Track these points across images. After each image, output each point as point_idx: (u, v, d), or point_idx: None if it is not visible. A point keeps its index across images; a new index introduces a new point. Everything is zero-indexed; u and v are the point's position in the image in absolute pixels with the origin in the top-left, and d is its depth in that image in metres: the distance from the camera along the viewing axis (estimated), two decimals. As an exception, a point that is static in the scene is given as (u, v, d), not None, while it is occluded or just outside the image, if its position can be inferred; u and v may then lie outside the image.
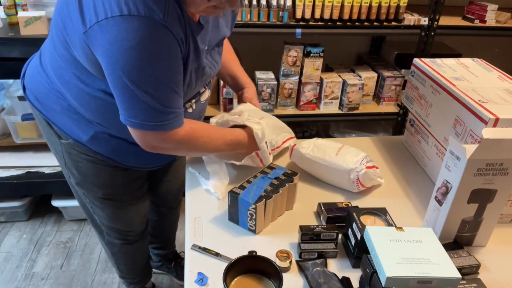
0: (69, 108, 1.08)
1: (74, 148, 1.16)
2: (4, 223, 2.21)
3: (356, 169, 1.08)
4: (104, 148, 1.15)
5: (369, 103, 2.23)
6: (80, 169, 1.20)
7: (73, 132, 1.13)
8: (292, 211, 1.07)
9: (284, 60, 2.00)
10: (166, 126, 0.96)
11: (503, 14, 2.11)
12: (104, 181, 1.23)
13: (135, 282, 1.69)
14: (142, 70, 0.88)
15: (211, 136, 1.08)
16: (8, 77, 1.97)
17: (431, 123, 1.17)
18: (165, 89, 0.92)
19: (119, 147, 1.14)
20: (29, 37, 1.69)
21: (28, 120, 1.98)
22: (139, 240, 1.52)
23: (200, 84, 1.10)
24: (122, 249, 1.51)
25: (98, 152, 1.15)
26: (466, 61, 1.24)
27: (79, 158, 1.18)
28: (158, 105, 0.92)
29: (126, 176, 1.26)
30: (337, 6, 1.89)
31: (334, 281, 0.83)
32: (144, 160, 1.20)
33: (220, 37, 1.11)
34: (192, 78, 1.03)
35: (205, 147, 1.07)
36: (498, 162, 0.84)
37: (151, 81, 0.89)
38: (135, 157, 1.18)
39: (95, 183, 1.24)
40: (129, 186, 1.31)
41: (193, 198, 1.10)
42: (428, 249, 0.76)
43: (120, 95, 0.92)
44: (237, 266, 0.83)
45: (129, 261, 1.59)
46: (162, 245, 1.83)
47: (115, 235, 1.45)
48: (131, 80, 0.88)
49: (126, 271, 1.64)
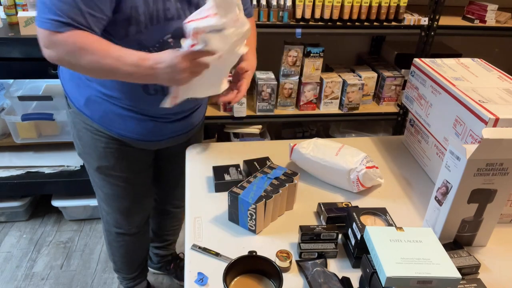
0: (73, 72, 1.14)
1: (77, 117, 1.23)
2: (4, 223, 2.21)
3: (356, 169, 1.08)
4: (96, 113, 1.19)
5: (369, 103, 2.23)
6: (81, 138, 1.27)
7: (75, 97, 1.20)
8: (292, 211, 1.07)
9: (284, 60, 2.00)
10: (47, 24, 0.94)
11: (503, 14, 2.11)
12: (99, 152, 1.27)
13: (128, 278, 1.69)
14: None
15: (96, 44, 0.97)
16: (8, 77, 1.97)
17: (431, 123, 1.17)
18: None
19: (108, 111, 1.18)
20: (29, 37, 1.69)
21: (28, 120, 1.98)
22: (136, 234, 1.52)
23: (169, 22, 1.03)
24: (118, 239, 1.52)
25: (93, 119, 1.20)
26: (466, 61, 1.24)
27: (80, 127, 1.25)
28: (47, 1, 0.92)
29: (121, 151, 1.27)
30: (337, 6, 1.89)
31: (334, 281, 0.83)
32: (132, 129, 1.21)
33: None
34: (149, 7, 0.99)
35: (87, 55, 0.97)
36: (498, 162, 0.84)
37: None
38: (124, 125, 1.20)
39: (91, 154, 1.28)
40: (124, 164, 1.31)
41: (193, 198, 1.10)
42: (428, 249, 0.76)
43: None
44: (237, 266, 0.83)
45: (124, 253, 1.59)
46: (163, 245, 1.82)
47: (113, 222, 1.46)
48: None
49: (120, 264, 1.64)
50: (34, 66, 1.77)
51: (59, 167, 2.09)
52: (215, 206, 1.06)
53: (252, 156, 1.22)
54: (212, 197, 1.10)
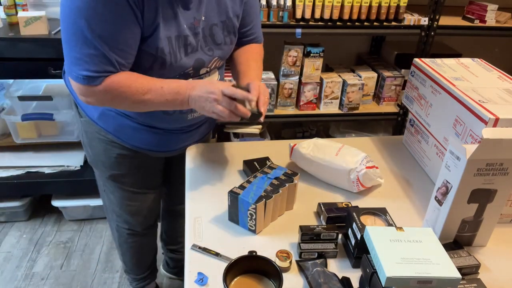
0: None
1: (90, 127, 1.24)
2: (4, 223, 2.21)
3: (356, 169, 1.08)
4: (111, 126, 1.20)
5: (369, 103, 2.23)
6: (93, 148, 1.28)
7: (88, 109, 1.21)
8: (292, 211, 1.07)
9: (284, 60, 2.00)
10: (80, 79, 0.97)
11: (503, 14, 2.11)
12: (112, 162, 1.27)
13: (138, 279, 1.70)
14: (71, 13, 0.92)
15: (133, 86, 1.00)
16: (8, 77, 1.97)
17: (431, 123, 1.17)
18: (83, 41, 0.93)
19: (123, 125, 1.19)
20: (29, 37, 1.69)
21: (28, 120, 1.98)
22: (146, 234, 1.54)
23: (189, 56, 1.07)
24: (129, 240, 1.53)
25: (107, 130, 1.21)
26: (466, 61, 1.24)
27: (93, 137, 1.25)
28: (76, 53, 0.95)
29: (133, 160, 1.28)
30: (337, 6, 1.89)
31: (334, 281, 0.83)
32: (147, 141, 1.23)
33: (222, 14, 1.10)
34: (173, 46, 1.02)
35: (128, 98, 1.01)
36: (498, 162, 0.84)
37: (69, 28, 0.94)
38: (138, 137, 1.21)
39: (104, 162, 1.29)
40: (136, 172, 1.33)
41: (193, 198, 1.10)
42: (428, 249, 0.76)
43: None
44: (237, 266, 0.83)
45: (134, 254, 1.61)
46: (177, 248, 1.82)
47: (123, 223, 1.47)
48: (64, 21, 0.94)
49: (131, 265, 1.65)
50: (34, 66, 1.77)
51: (59, 167, 2.09)
52: (215, 206, 1.06)
53: (252, 156, 1.22)
54: (212, 197, 1.10)
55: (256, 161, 1.19)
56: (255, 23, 1.24)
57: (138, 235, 1.52)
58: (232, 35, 1.16)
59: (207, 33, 1.09)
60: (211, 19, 1.09)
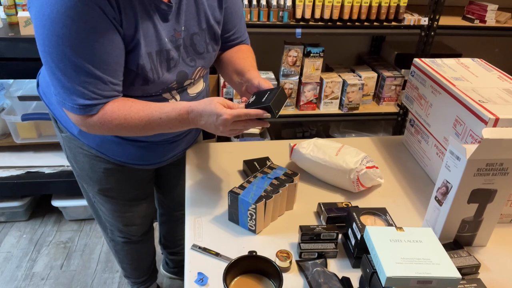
0: None
1: (72, 142, 1.19)
2: (4, 223, 2.21)
3: (356, 169, 1.08)
4: (92, 142, 1.16)
5: (369, 103, 2.23)
6: (78, 162, 1.24)
7: (68, 124, 1.14)
8: (292, 211, 1.07)
9: (284, 60, 2.00)
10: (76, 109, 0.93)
11: (503, 14, 2.11)
12: (99, 176, 1.24)
13: (139, 282, 1.69)
14: (53, 42, 0.86)
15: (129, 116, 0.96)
16: (8, 77, 1.97)
17: (431, 123, 1.17)
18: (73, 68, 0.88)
19: (105, 140, 1.14)
20: (29, 37, 1.69)
21: (28, 120, 1.98)
22: (142, 240, 1.52)
23: (172, 71, 1.04)
24: (125, 248, 1.52)
25: (90, 145, 1.17)
26: (466, 61, 1.24)
27: (77, 152, 1.21)
28: (67, 82, 0.90)
29: (121, 174, 1.25)
30: (337, 6, 1.89)
31: (334, 281, 0.83)
32: (131, 155, 1.19)
33: (202, 22, 1.07)
34: (154, 62, 0.99)
35: (127, 131, 1.00)
36: (498, 162, 0.84)
37: (54, 59, 0.88)
38: (121, 151, 1.17)
39: (91, 177, 1.25)
40: (125, 185, 1.30)
41: (193, 198, 1.10)
42: (428, 249, 0.76)
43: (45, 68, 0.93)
44: (237, 266, 0.83)
45: (132, 260, 1.59)
46: (177, 250, 1.81)
47: (117, 233, 1.46)
48: (45, 51, 0.88)
49: (130, 270, 1.64)
50: (34, 66, 1.75)
51: (59, 167, 2.09)
52: (215, 206, 1.06)
53: (252, 156, 1.22)
54: (212, 197, 1.10)
55: (256, 161, 1.19)
56: (239, 26, 1.20)
57: (134, 243, 1.50)
58: (213, 42, 1.12)
59: (187, 43, 1.05)
60: (191, 29, 1.05)
